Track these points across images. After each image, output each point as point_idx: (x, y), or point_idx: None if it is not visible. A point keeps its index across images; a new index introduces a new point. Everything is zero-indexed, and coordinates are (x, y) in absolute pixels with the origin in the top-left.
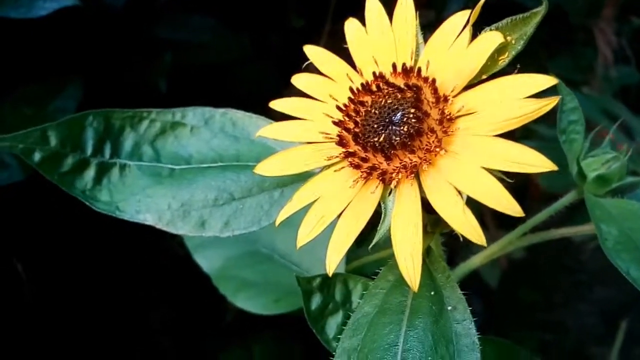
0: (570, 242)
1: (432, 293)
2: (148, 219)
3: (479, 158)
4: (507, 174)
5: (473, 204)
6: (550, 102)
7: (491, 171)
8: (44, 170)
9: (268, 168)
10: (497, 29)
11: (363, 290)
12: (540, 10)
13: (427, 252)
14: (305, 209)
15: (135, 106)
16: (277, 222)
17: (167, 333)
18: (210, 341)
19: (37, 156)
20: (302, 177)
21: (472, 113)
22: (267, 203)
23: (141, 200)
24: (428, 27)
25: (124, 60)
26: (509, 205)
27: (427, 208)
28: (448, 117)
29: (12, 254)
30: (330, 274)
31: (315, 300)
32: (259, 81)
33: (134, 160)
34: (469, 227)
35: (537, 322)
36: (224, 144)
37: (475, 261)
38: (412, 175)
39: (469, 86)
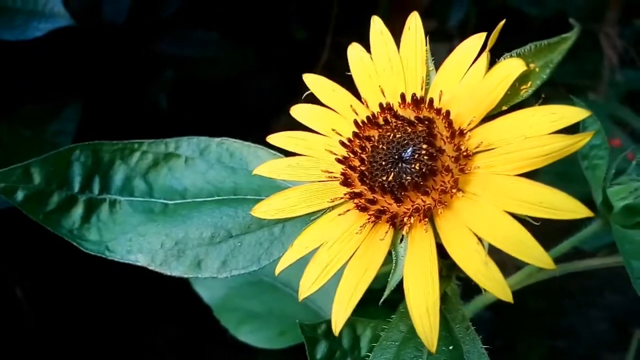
0: (580, 249)
1: (451, 348)
2: (140, 260)
3: (501, 201)
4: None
5: None
6: (582, 139)
7: (514, 215)
8: (28, 211)
9: (266, 210)
10: (519, 55)
11: (372, 336)
12: (571, 37)
13: (442, 299)
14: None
15: (137, 125)
16: (277, 272)
17: (172, 349)
18: (214, 356)
19: (19, 195)
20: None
21: (492, 149)
22: (267, 240)
23: (132, 239)
24: (429, 37)
25: (124, 77)
26: (539, 257)
27: (441, 252)
28: (465, 153)
29: (12, 278)
30: (337, 333)
31: (321, 349)
32: (264, 94)
33: (125, 196)
34: (492, 281)
35: (547, 329)
36: (221, 176)
37: (491, 296)
38: (426, 219)
39: (487, 118)
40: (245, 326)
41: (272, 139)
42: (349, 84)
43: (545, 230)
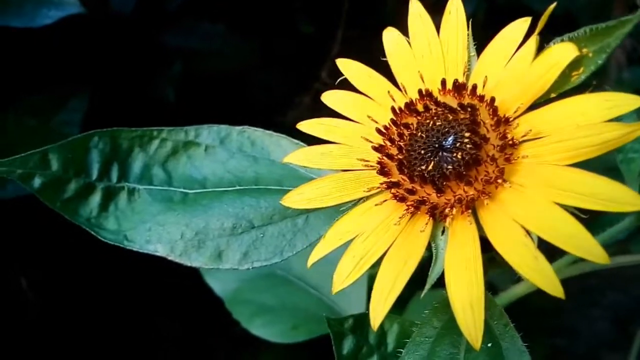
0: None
1: (489, 345)
2: (159, 250)
3: (551, 192)
4: (581, 209)
5: None
6: (638, 128)
7: (564, 207)
8: (45, 198)
9: (297, 199)
10: (571, 39)
11: (399, 332)
12: (632, 19)
13: None
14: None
15: (143, 117)
16: (309, 264)
17: (176, 344)
18: (219, 351)
19: (37, 182)
20: None
21: (540, 138)
22: (290, 232)
23: (152, 228)
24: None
25: (131, 69)
26: (593, 250)
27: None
28: (511, 142)
29: (16, 269)
30: (375, 328)
31: (348, 344)
32: (271, 87)
33: (144, 184)
34: (543, 277)
35: (548, 328)
36: (242, 166)
37: (518, 290)
38: (469, 210)
39: (535, 106)
40: (257, 319)
41: (303, 125)
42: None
43: None
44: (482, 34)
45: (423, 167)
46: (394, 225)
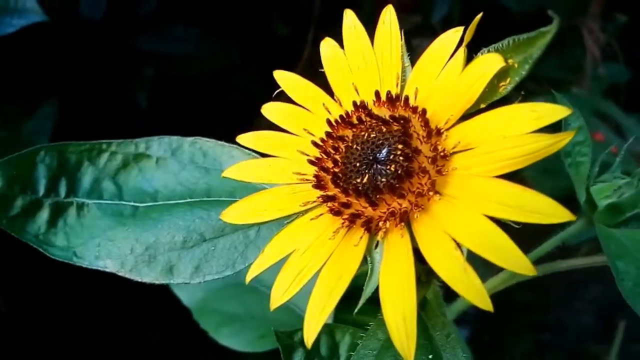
0: (564, 244)
1: (430, 357)
2: (109, 266)
3: (480, 204)
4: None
5: None
6: (564, 138)
7: (495, 218)
8: None
9: (235, 215)
10: (497, 50)
11: (351, 343)
12: (550, 30)
13: (422, 306)
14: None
15: (116, 124)
16: (248, 279)
17: (155, 354)
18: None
19: None
20: None
21: (470, 149)
22: (242, 243)
23: (101, 244)
24: (413, 33)
25: (102, 75)
26: (520, 263)
27: (420, 257)
28: (442, 154)
29: None
30: (309, 345)
31: (298, 357)
32: (247, 90)
33: (93, 199)
34: (470, 289)
35: (533, 323)
36: (194, 177)
37: (496, 282)
38: (402, 223)
39: (466, 117)
40: (224, 329)
41: (241, 139)
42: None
43: (527, 230)
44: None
45: (358, 180)
46: (329, 239)
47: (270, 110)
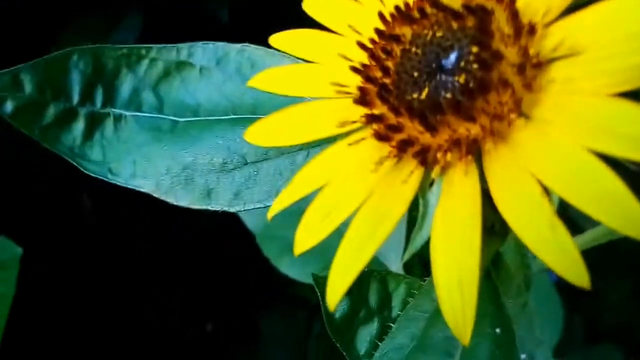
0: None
1: (498, 330)
2: (144, 186)
3: (583, 132)
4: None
5: None
6: None
7: (603, 155)
8: (21, 124)
9: (258, 135)
10: None
11: (407, 295)
12: None
13: (494, 262)
14: None
15: (196, 37)
16: (270, 216)
17: (176, 315)
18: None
19: (9, 106)
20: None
21: (576, 54)
22: (288, 169)
23: (137, 161)
24: None
25: None
26: (636, 220)
27: (491, 202)
28: (535, 60)
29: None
30: (332, 308)
31: (341, 307)
32: None
33: (132, 111)
34: (559, 255)
35: (634, 267)
36: (239, 91)
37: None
38: (470, 156)
39: (572, 9)
40: (287, 257)
41: (273, 39)
42: None
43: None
44: None
45: (414, 96)
46: (371, 172)
47: (313, 3)
